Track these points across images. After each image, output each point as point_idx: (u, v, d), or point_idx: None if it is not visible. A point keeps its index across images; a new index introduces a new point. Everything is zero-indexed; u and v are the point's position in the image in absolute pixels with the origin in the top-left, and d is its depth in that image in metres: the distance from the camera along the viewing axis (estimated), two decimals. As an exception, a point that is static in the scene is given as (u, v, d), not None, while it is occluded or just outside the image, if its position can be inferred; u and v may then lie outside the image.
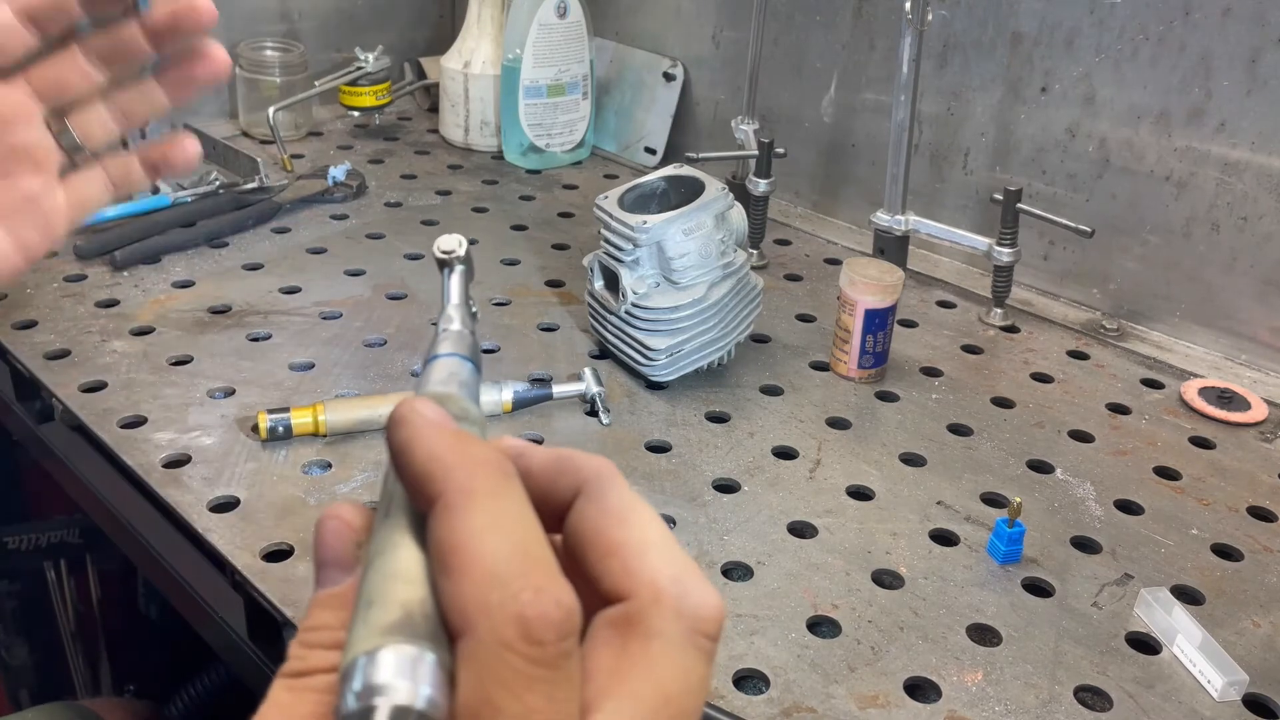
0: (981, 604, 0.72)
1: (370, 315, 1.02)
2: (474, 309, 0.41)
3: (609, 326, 0.95)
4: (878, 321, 0.94)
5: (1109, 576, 0.75)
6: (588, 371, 0.90)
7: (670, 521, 0.77)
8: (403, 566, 0.29)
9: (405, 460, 0.29)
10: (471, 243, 0.42)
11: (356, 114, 1.47)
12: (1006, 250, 1.06)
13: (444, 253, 0.41)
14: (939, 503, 0.81)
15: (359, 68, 1.44)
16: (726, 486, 0.82)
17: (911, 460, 0.86)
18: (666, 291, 0.91)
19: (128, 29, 0.51)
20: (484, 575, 0.26)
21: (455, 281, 0.41)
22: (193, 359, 0.94)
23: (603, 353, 0.98)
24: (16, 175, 0.51)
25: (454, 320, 0.40)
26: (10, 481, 1.41)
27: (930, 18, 1.05)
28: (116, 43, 0.51)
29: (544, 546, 0.28)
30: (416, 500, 0.29)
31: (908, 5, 1.03)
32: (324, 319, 1.02)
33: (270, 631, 0.72)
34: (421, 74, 1.58)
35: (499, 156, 1.44)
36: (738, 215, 0.94)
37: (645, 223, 0.89)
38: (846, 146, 1.29)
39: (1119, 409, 0.95)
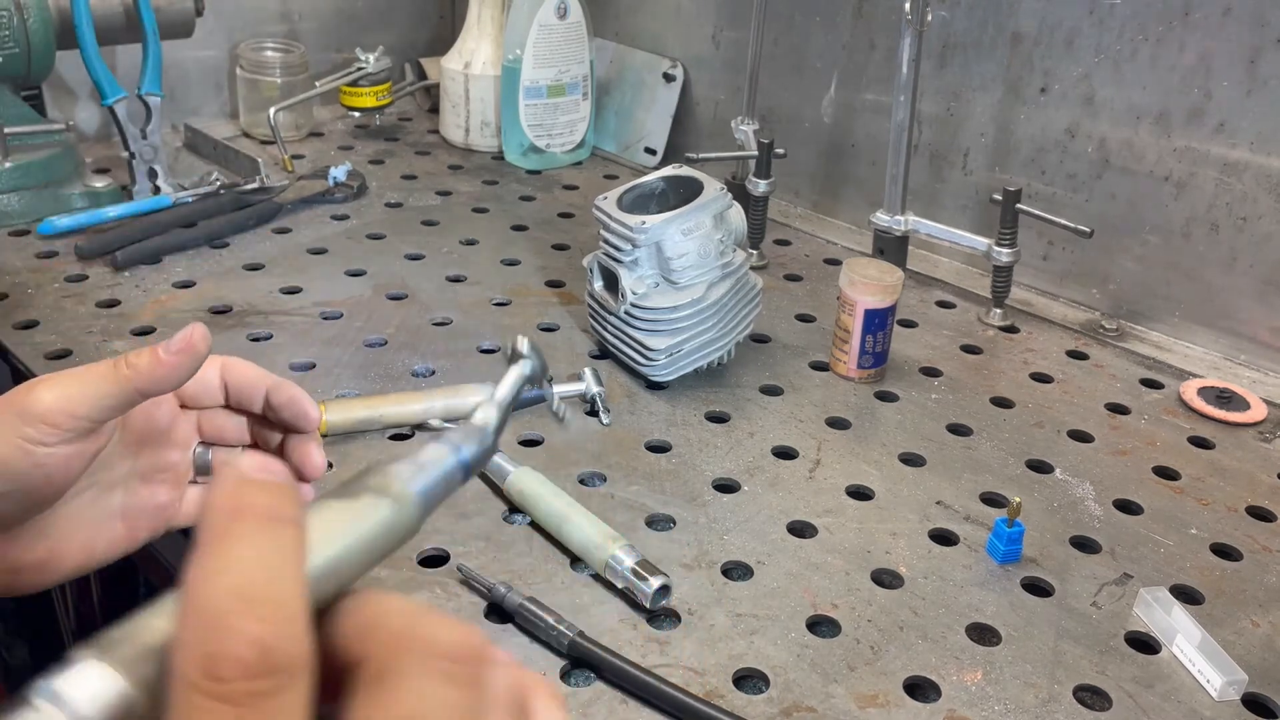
0: (981, 603, 0.72)
1: (371, 315, 1.03)
2: (514, 403, 0.43)
3: (609, 326, 0.95)
4: (877, 321, 0.94)
5: (1108, 576, 0.75)
6: (588, 371, 0.90)
7: (670, 521, 0.78)
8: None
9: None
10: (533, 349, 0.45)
11: (357, 114, 1.47)
12: (1006, 250, 1.06)
13: (514, 350, 0.45)
14: (938, 502, 0.81)
15: (359, 68, 1.44)
16: (726, 486, 0.82)
17: (911, 460, 0.86)
18: (666, 292, 0.91)
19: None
20: (192, 616, 0.27)
21: (510, 376, 0.44)
22: (193, 359, 0.94)
23: (603, 353, 0.98)
24: (156, 485, 0.58)
25: (487, 414, 0.41)
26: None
27: (930, 18, 1.05)
28: (263, 421, 0.60)
29: (283, 589, 0.28)
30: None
31: (907, 5, 1.03)
32: (324, 319, 1.02)
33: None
34: (422, 74, 1.58)
35: (499, 157, 1.44)
36: (737, 215, 0.94)
37: (644, 223, 0.89)
38: (846, 147, 1.29)
39: (1118, 409, 0.95)
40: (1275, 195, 0.98)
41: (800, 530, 0.78)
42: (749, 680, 0.65)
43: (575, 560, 0.73)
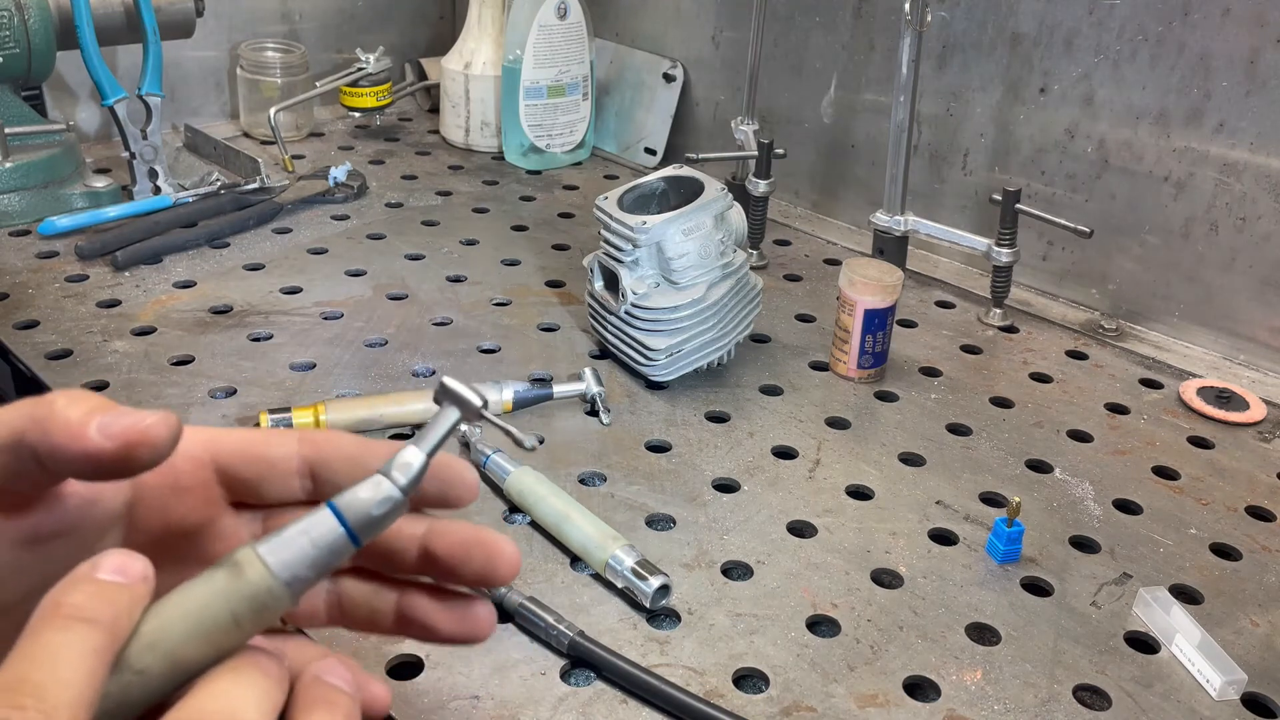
0: (980, 603, 0.72)
1: (371, 315, 1.03)
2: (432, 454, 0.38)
3: (609, 326, 0.95)
4: (877, 321, 0.94)
5: (1108, 576, 0.75)
6: (588, 371, 0.91)
7: (670, 521, 0.78)
8: None
9: None
10: (483, 404, 0.39)
11: (357, 115, 1.47)
12: (1005, 250, 1.06)
13: (442, 389, 0.39)
14: (938, 502, 0.82)
15: (360, 68, 1.44)
16: (726, 486, 0.82)
17: (911, 460, 0.87)
18: (666, 292, 0.91)
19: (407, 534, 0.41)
20: None
21: (437, 425, 0.39)
22: (194, 359, 0.94)
23: (603, 353, 0.98)
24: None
25: (402, 470, 0.38)
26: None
27: (930, 19, 1.05)
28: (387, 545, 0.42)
29: (51, 682, 0.31)
30: None
31: (907, 6, 1.03)
32: (325, 319, 1.02)
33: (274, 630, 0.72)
34: (422, 75, 1.58)
35: (499, 157, 1.44)
36: (737, 215, 0.94)
37: (645, 223, 0.89)
38: (846, 147, 1.29)
39: (1118, 409, 0.95)
40: (1275, 195, 0.99)
41: (800, 530, 0.78)
42: (749, 680, 0.65)
43: (575, 560, 0.73)
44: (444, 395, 0.40)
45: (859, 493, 0.82)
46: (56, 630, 0.32)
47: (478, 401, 0.39)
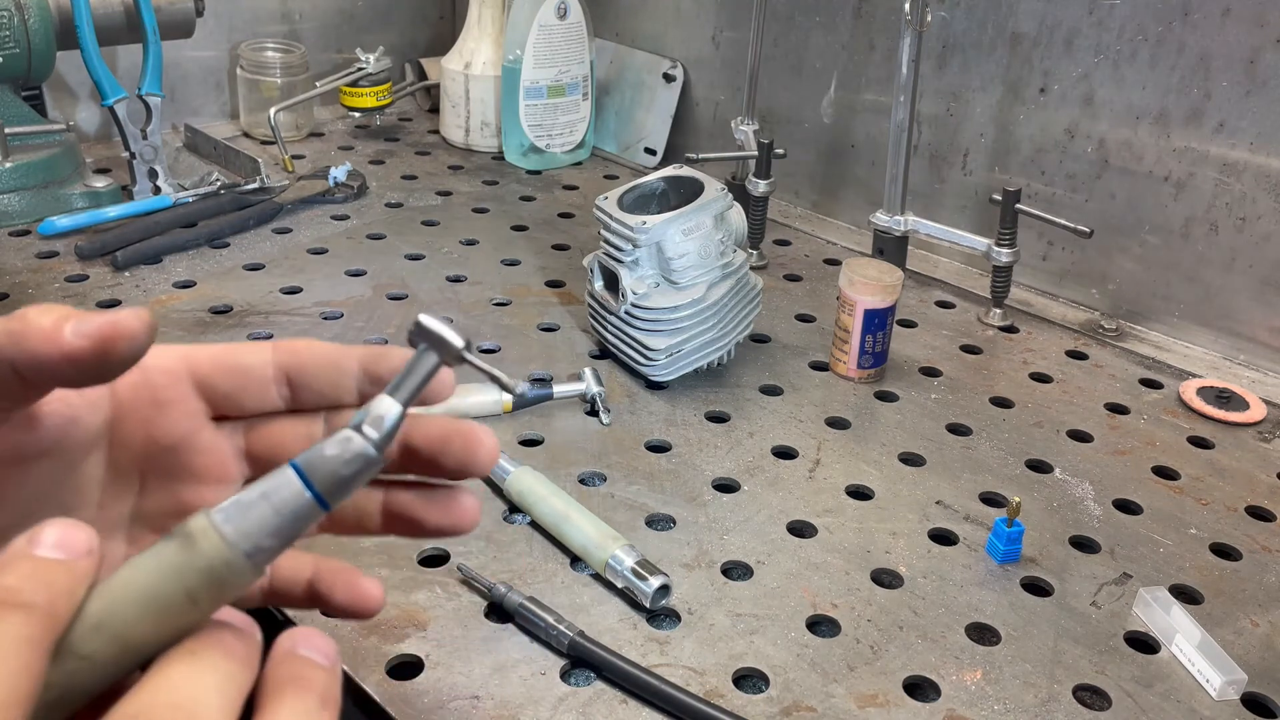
0: (980, 603, 0.72)
1: (371, 315, 1.03)
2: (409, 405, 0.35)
3: (609, 326, 0.95)
4: (877, 321, 0.94)
5: (1108, 576, 0.75)
6: (588, 371, 0.91)
7: (670, 521, 0.78)
8: None
9: None
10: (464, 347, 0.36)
11: (357, 115, 1.47)
12: (1005, 250, 1.06)
13: (417, 328, 0.35)
14: (938, 502, 0.82)
15: (360, 68, 1.44)
16: (726, 486, 0.82)
17: (911, 460, 0.87)
18: (666, 292, 0.91)
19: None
20: None
21: (415, 368, 0.35)
22: (194, 359, 0.94)
23: (603, 353, 0.98)
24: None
25: (375, 424, 0.34)
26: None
27: (930, 19, 1.05)
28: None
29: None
30: None
31: (907, 6, 1.03)
32: (325, 319, 1.02)
33: (270, 631, 0.72)
34: (422, 75, 1.58)
35: (499, 157, 1.44)
36: (737, 215, 0.94)
37: (645, 223, 0.89)
38: (846, 147, 1.29)
39: (1118, 409, 0.95)
40: (1274, 195, 0.99)
41: (800, 530, 0.78)
42: (749, 680, 0.65)
43: (575, 560, 0.73)
44: (420, 335, 0.36)
45: (859, 493, 0.82)
46: None
47: (459, 342, 0.36)
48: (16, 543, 0.31)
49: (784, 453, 0.86)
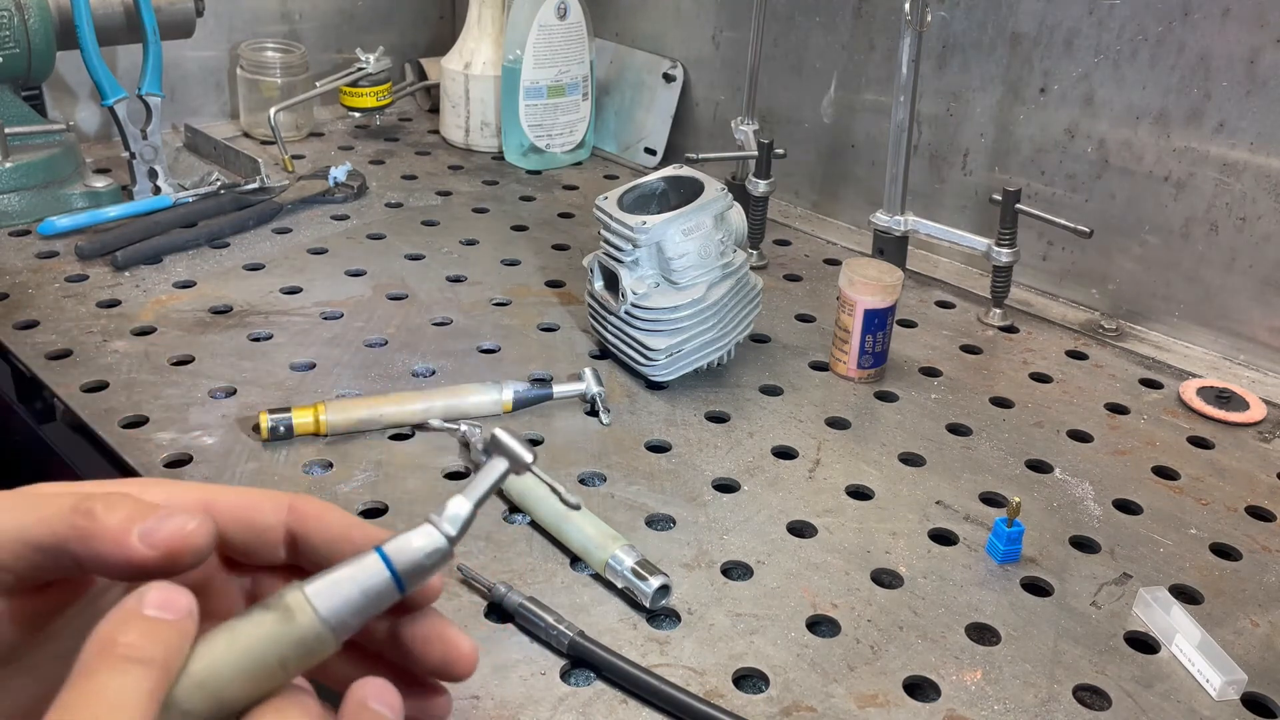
0: (980, 603, 0.72)
1: (371, 315, 1.03)
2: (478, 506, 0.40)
3: (609, 326, 0.95)
4: (877, 321, 0.94)
5: (1108, 576, 0.75)
6: (588, 371, 0.91)
7: (670, 521, 0.78)
8: None
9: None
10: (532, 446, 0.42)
11: (357, 115, 1.47)
12: (1005, 250, 1.06)
13: (493, 441, 0.41)
14: (938, 502, 0.82)
15: (360, 69, 1.44)
16: (726, 486, 0.82)
17: (910, 460, 0.87)
18: (666, 292, 0.91)
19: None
20: None
21: (486, 473, 0.41)
22: (194, 359, 0.94)
23: (603, 353, 0.98)
24: None
25: (451, 521, 0.39)
26: (11, 481, 1.41)
27: (930, 19, 1.05)
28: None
29: None
30: None
31: (907, 6, 1.03)
32: (325, 319, 1.02)
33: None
34: (422, 75, 1.58)
35: (499, 157, 1.44)
36: (737, 215, 0.94)
37: (645, 223, 0.89)
38: (846, 147, 1.29)
39: (1118, 409, 0.95)
40: (1274, 195, 0.99)
41: (800, 530, 0.78)
42: (749, 680, 0.65)
43: (575, 560, 0.73)
44: (495, 447, 0.41)
45: (859, 493, 0.82)
46: (112, 672, 0.32)
47: (528, 457, 0.41)
48: (127, 602, 0.34)
49: (784, 453, 0.86)
